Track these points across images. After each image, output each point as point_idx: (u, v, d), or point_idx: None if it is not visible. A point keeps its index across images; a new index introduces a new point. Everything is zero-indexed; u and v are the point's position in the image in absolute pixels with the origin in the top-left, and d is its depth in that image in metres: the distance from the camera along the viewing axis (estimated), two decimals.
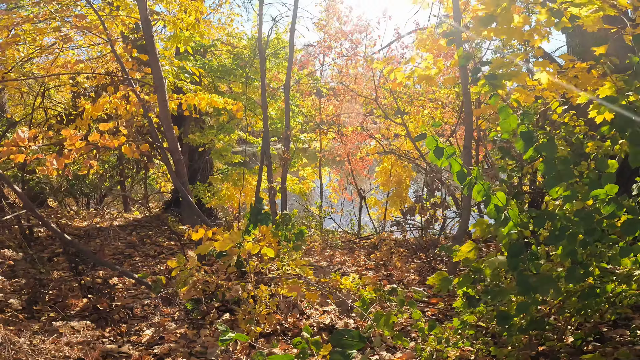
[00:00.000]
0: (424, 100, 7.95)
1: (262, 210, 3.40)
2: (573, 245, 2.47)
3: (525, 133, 2.69)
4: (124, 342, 3.71)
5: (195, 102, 4.67)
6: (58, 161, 3.34)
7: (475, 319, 3.09)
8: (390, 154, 7.61)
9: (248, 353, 3.51)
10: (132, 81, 4.48)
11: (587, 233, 2.45)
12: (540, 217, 2.45)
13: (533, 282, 2.39)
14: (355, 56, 7.64)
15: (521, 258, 2.38)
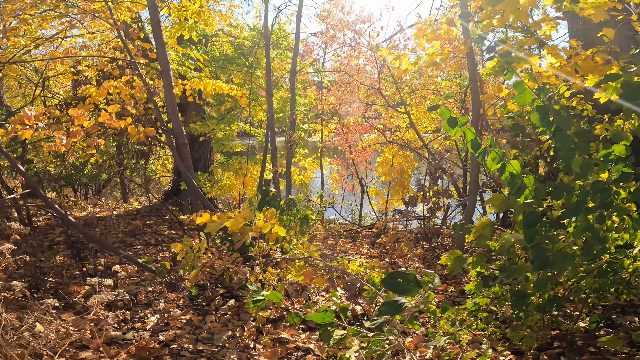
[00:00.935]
0: (425, 91, 7.91)
1: (270, 193, 3.34)
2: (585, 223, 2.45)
3: (541, 107, 2.71)
4: (129, 329, 3.65)
5: (201, 87, 4.63)
6: (67, 139, 3.27)
7: (488, 301, 3.06)
8: (392, 144, 7.57)
9: (256, 338, 3.46)
10: (137, 65, 4.42)
11: (604, 206, 2.45)
12: (558, 189, 2.41)
13: (550, 258, 2.37)
14: (358, 46, 7.59)
15: (537, 229, 2.35)
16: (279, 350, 3.23)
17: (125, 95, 4.37)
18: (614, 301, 2.92)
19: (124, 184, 8.28)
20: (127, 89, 4.34)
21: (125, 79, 4.47)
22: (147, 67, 4.90)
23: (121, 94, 4.36)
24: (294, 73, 5.96)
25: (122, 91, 4.34)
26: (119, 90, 4.33)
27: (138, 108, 4.49)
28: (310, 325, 3.78)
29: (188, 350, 3.29)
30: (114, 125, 3.68)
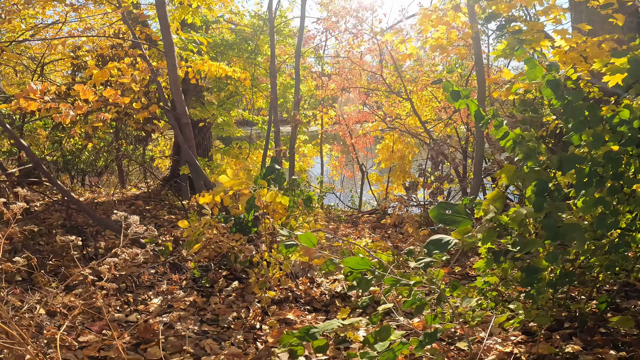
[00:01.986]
0: (426, 80, 7.85)
1: (276, 169, 3.29)
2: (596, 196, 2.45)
3: (552, 81, 2.74)
4: (132, 311, 3.61)
5: (205, 68, 4.57)
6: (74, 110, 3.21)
7: (497, 279, 3.04)
8: (393, 131, 7.53)
9: (261, 319, 3.44)
10: (141, 46, 4.35)
11: (615, 177, 2.46)
12: (570, 160, 2.41)
13: (560, 229, 2.37)
14: (360, 34, 7.53)
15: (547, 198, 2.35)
16: (286, 330, 3.21)
17: (128, 77, 4.28)
18: (624, 279, 2.92)
19: (121, 171, 8.18)
20: (130, 70, 4.27)
21: (128, 60, 4.40)
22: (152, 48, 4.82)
23: (124, 74, 4.27)
24: (299, 55, 5.91)
25: (124, 72, 4.26)
26: (122, 71, 4.25)
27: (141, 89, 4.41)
28: (316, 306, 3.75)
29: (193, 332, 3.26)
30: (118, 101, 3.61)
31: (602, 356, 2.53)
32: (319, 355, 2.93)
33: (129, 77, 4.16)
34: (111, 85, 4.33)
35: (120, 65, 4.29)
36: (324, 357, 2.89)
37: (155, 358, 2.88)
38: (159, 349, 2.97)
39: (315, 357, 2.88)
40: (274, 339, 3.11)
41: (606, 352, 2.58)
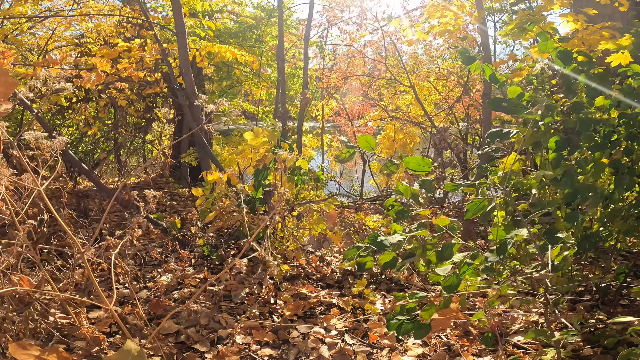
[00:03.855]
0: (427, 71, 7.90)
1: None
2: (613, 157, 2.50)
3: (564, 52, 2.80)
4: (141, 288, 3.55)
5: (215, 50, 4.56)
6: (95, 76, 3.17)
7: (514, 250, 3.03)
8: (395, 120, 7.53)
9: (275, 294, 3.39)
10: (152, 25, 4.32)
11: (630, 138, 2.52)
12: (586, 122, 2.44)
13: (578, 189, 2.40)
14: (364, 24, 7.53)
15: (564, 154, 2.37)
16: (301, 304, 3.17)
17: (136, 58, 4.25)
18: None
19: (119, 160, 8.07)
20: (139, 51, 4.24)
21: (139, 42, 4.39)
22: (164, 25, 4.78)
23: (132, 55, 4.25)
24: (308, 37, 5.91)
25: (133, 53, 4.24)
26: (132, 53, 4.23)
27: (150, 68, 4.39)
28: (329, 283, 3.72)
29: (206, 307, 3.21)
30: (132, 75, 3.58)
31: (629, 325, 2.54)
32: (339, 325, 2.90)
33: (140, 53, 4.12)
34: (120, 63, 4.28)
35: (131, 45, 4.26)
36: (343, 327, 2.87)
37: (171, 332, 2.82)
38: (173, 323, 2.92)
39: (335, 328, 2.86)
40: (290, 312, 3.07)
41: (631, 323, 2.58)
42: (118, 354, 1.20)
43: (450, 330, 2.73)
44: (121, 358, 1.17)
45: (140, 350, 1.19)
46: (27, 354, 1.22)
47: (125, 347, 1.18)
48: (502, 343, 2.50)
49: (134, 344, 1.20)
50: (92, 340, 1.48)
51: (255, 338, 2.72)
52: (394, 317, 1.73)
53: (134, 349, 1.17)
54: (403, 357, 2.43)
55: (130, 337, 1.34)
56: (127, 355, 1.17)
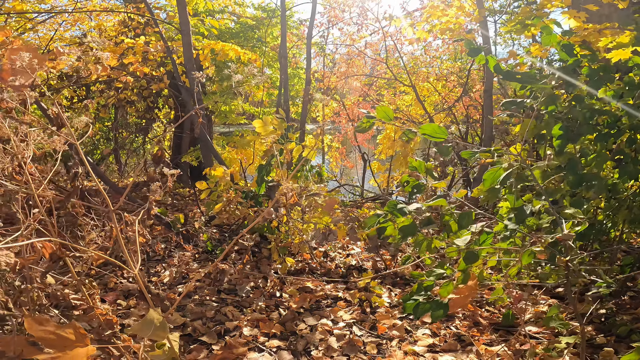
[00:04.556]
0: (426, 72, 7.93)
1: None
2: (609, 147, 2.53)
3: (567, 45, 2.86)
4: (145, 283, 3.52)
5: (218, 48, 4.57)
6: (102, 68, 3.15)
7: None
8: (395, 120, 7.53)
9: (280, 288, 3.38)
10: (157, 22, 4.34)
11: (633, 128, 2.56)
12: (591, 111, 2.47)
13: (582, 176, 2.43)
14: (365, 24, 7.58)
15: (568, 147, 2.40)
16: (308, 297, 3.16)
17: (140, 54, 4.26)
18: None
19: (119, 160, 8.03)
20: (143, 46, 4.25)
21: (144, 39, 4.39)
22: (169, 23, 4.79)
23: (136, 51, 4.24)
24: (310, 36, 5.96)
25: (137, 50, 4.24)
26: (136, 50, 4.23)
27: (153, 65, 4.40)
28: (334, 277, 3.70)
29: (212, 300, 3.19)
30: (137, 70, 3.58)
31: (638, 315, 2.54)
32: (346, 317, 2.88)
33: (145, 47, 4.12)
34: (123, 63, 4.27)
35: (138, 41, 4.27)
36: (350, 319, 2.85)
37: (177, 324, 2.80)
38: (179, 316, 2.90)
39: (342, 320, 2.84)
40: (297, 305, 3.05)
41: None
42: (141, 323, 1.18)
43: (460, 321, 2.72)
44: (144, 327, 1.15)
45: (162, 321, 1.17)
46: (43, 330, 1.20)
47: (148, 316, 1.17)
48: (515, 332, 2.50)
49: (157, 313, 1.19)
50: (105, 323, 1.46)
51: (263, 330, 2.70)
52: (411, 297, 1.72)
53: (157, 319, 1.16)
54: (413, 347, 2.42)
55: (152, 307, 1.33)
56: (150, 324, 1.16)
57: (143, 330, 1.15)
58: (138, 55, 4.18)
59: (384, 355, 2.37)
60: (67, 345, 1.11)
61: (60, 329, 1.15)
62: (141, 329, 1.16)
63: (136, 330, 1.20)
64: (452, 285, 1.72)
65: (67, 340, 1.12)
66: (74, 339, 1.13)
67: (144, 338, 1.57)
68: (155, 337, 1.15)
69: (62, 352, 1.10)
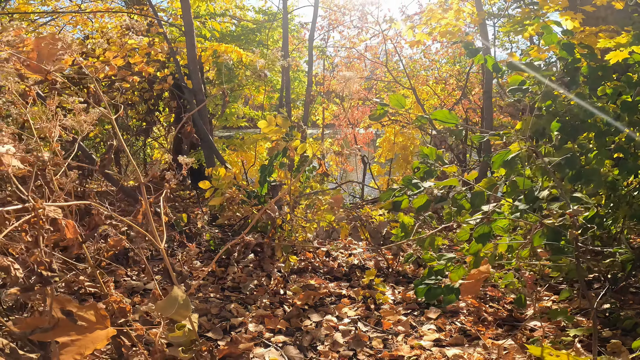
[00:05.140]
0: (425, 75, 8.00)
1: None
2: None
3: (567, 44, 2.93)
4: (149, 280, 3.52)
5: (221, 49, 4.62)
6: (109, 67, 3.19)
7: (521, 238, 3.06)
8: (393, 125, 7.60)
9: (284, 286, 3.38)
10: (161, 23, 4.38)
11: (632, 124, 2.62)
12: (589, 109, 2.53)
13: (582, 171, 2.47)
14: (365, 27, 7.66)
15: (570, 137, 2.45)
16: (312, 294, 3.16)
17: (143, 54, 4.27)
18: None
19: (119, 163, 8.03)
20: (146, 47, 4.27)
21: (147, 40, 4.42)
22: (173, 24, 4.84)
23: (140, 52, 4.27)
24: (312, 37, 6.02)
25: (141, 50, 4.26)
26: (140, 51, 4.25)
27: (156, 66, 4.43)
28: (337, 275, 3.71)
29: (216, 297, 3.19)
30: (142, 70, 3.60)
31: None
32: (350, 314, 2.89)
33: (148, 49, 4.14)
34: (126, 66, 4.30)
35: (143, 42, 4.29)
36: (355, 316, 2.86)
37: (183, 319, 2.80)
38: None
39: (348, 317, 2.84)
40: (301, 302, 3.06)
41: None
42: (166, 300, 1.19)
43: (464, 317, 2.73)
44: (169, 305, 1.16)
45: (185, 298, 1.18)
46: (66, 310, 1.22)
47: (172, 293, 1.18)
48: (520, 327, 2.51)
49: (181, 291, 1.20)
50: (118, 311, 1.46)
51: (268, 326, 2.70)
52: (422, 282, 1.73)
53: (181, 297, 1.17)
54: (420, 341, 2.43)
55: (177, 284, 1.34)
56: (175, 301, 1.17)
57: (167, 308, 1.16)
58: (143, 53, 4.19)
59: (391, 350, 2.38)
60: (88, 326, 1.13)
61: (82, 310, 1.17)
62: (165, 307, 1.17)
63: (160, 308, 1.21)
64: (462, 270, 1.74)
65: (88, 322, 1.14)
66: (94, 320, 1.14)
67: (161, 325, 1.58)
68: (178, 315, 1.17)
69: (82, 335, 1.11)
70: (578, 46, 3.11)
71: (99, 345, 1.15)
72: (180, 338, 1.33)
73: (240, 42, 7.50)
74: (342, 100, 8.17)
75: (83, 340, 1.11)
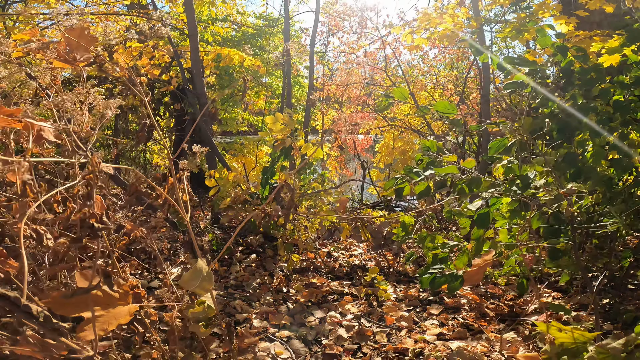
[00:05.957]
0: (423, 80, 8.11)
1: None
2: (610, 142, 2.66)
3: (561, 46, 3.01)
4: (152, 279, 3.54)
5: (225, 52, 4.69)
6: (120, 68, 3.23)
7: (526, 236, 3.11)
8: (392, 130, 7.68)
9: (287, 284, 3.41)
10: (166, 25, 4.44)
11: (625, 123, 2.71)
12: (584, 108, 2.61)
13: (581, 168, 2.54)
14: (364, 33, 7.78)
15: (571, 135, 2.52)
16: (315, 291, 3.19)
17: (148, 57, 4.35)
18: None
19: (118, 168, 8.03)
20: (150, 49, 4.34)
21: (152, 43, 4.49)
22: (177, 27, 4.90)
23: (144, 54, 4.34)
24: (314, 42, 6.10)
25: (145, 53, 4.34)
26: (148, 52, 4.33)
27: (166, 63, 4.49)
28: (339, 274, 3.75)
29: (220, 295, 3.21)
30: (149, 72, 3.67)
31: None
32: (353, 310, 2.92)
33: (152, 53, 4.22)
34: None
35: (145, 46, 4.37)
36: (358, 312, 2.89)
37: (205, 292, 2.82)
38: None
39: (351, 314, 2.87)
40: (305, 299, 3.09)
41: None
42: (191, 272, 1.23)
43: (466, 312, 2.77)
44: (194, 277, 1.20)
45: (209, 271, 1.22)
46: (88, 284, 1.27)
47: (197, 265, 1.22)
48: (519, 322, 2.55)
49: (204, 263, 1.23)
50: (133, 296, 1.49)
51: (272, 322, 2.73)
52: (426, 271, 1.78)
53: (204, 269, 1.21)
54: (423, 336, 2.46)
55: (201, 257, 1.38)
56: (199, 274, 1.21)
57: (192, 280, 1.20)
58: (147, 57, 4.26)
59: (395, 344, 2.41)
60: (111, 302, 1.16)
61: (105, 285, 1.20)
62: (190, 279, 1.21)
63: (186, 281, 1.25)
64: (466, 257, 1.78)
65: (111, 298, 1.17)
66: (117, 296, 1.18)
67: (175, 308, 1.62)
68: (201, 288, 1.20)
69: (105, 311, 1.14)
70: (572, 49, 3.20)
71: (122, 321, 1.19)
72: (200, 314, 1.37)
73: (241, 47, 7.57)
74: (342, 105, 8.27)
75: (106, 315, 1.15)
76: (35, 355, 1.03)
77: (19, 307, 1.01)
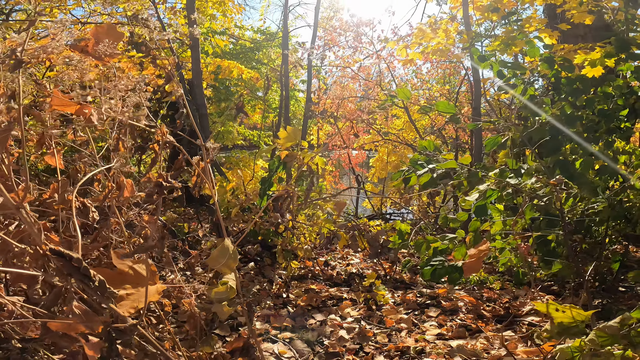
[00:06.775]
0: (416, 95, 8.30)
1: None
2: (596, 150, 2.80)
3: (548, 57, 3.19)
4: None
5: (225, 64, 4.81)
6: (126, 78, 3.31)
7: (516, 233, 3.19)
8: (386, 144, 7.81)
9: (286, 290, 3.45)
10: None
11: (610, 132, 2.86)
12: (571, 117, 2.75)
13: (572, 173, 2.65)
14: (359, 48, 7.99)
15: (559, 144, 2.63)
16: (314, 296, 3.24)
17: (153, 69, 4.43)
18: (630, 231, 3.13)
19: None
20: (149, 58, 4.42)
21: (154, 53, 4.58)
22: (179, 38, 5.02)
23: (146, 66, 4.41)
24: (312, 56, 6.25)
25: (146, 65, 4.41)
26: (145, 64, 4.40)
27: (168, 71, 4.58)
28: (337, 282, 3.79)
29: None
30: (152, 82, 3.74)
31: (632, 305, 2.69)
32: (353, 314, 2.96)
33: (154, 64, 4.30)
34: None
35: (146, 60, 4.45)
36: (357, 315, 2.93)
37: (187, 318, 2.84)
38: None
39: (351, 317, 2.92)
40: (305, 303, 3.13)
41: (634, 304, 2.74)
42: (218, 250, 1.29)
43: (464, 314, 2.83)
44: (221, 255, 1.26)
45: (234, 250, 1.28)
46: (122, 263, 1.33)
47: (224, 243, 1.28)
48: (516, 321, 2.61)
49: (230, 242, 1.29)
50: None
51: (274, 324, 2.77)
52: (427, 264, 1.85)
53: (230, 247, 1.26)
54: (423, 335, 2.51)
55: (226, 236, 1.44)
56: (226, 252, 1.27)
57: (219, 258, 1.26)
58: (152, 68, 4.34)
59: (396, 343, 2.46)
60: (141, 281, 1.22)
61: (136, 264, 1.27)
62: (217, 257, 1.27)
63: (213, 259, 1.31)
64: (464, 248, 1.86)
65: (140, 277, 1.23)
66: (146, 275, 1.23)
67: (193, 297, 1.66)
68: (226, 266, 1.26)
69: (135, 290, 1.20)
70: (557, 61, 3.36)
71: (152, 299, 1.25)
72: (223, 294, 1.42)
73: (239, 59, 7.74)
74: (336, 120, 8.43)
75: (136, 294, 1.20)
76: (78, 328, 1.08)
77: (78, 270, 1.06)
